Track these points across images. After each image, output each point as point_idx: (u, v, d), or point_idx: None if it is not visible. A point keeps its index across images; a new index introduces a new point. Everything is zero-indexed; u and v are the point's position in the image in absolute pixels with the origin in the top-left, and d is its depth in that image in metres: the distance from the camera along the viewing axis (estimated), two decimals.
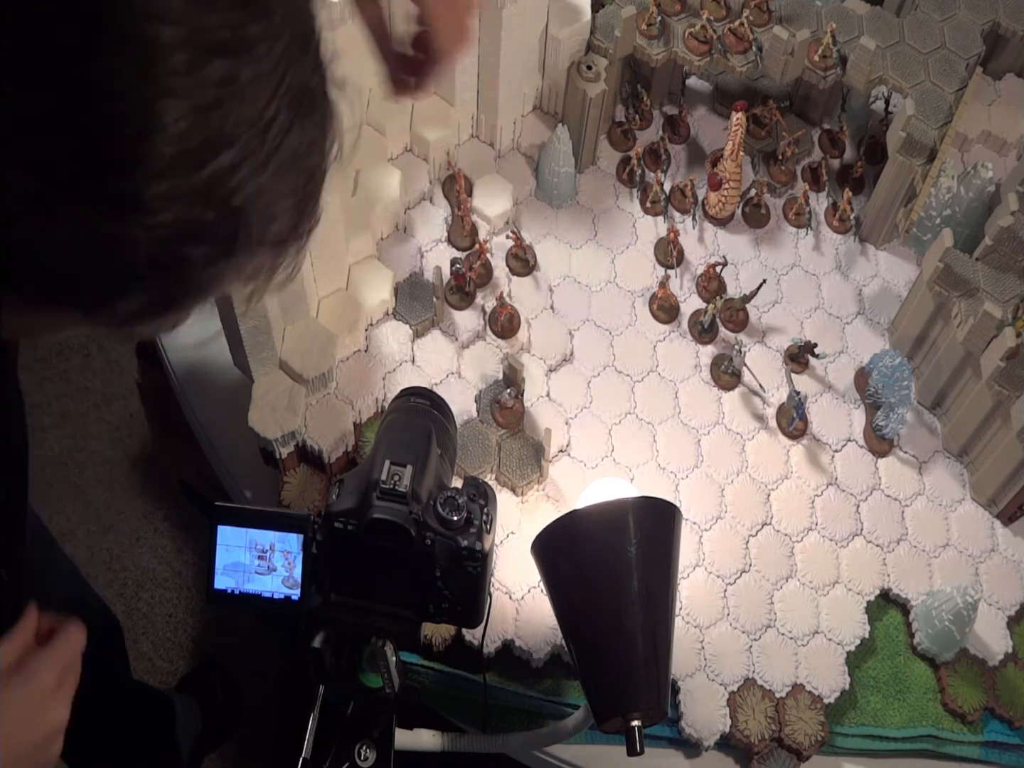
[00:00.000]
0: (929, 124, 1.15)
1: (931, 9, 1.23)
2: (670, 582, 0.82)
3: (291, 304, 1.05)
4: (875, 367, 1.14)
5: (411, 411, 0.88)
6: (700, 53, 1.19)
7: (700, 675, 1.01)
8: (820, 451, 1.13)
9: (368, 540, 0.74)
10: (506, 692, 1.00)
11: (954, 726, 1.03)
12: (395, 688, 0.78)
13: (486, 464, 1.07)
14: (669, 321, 1.19)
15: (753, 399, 1.16)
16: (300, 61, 0.48)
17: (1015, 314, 1.06)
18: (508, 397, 1.08)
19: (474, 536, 0.75)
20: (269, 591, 0.77)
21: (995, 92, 1.32)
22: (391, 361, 1.12)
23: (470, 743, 0.89)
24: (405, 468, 0.75)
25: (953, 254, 1.09)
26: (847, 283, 1.23)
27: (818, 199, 1.28)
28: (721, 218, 1.25)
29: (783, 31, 1.17)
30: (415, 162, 1.22)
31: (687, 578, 1.05)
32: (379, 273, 1.14)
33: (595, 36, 1.17)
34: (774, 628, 1.04)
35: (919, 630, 1.05)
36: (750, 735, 0.99)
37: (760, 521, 1.09)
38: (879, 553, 1.09)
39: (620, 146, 1.29)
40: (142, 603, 1.80)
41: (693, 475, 1.11)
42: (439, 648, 1.00)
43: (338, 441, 1.06)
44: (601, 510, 0.83)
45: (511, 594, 1.02)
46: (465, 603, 0.78)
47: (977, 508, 1.12)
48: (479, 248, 1.16)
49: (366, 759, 0.78)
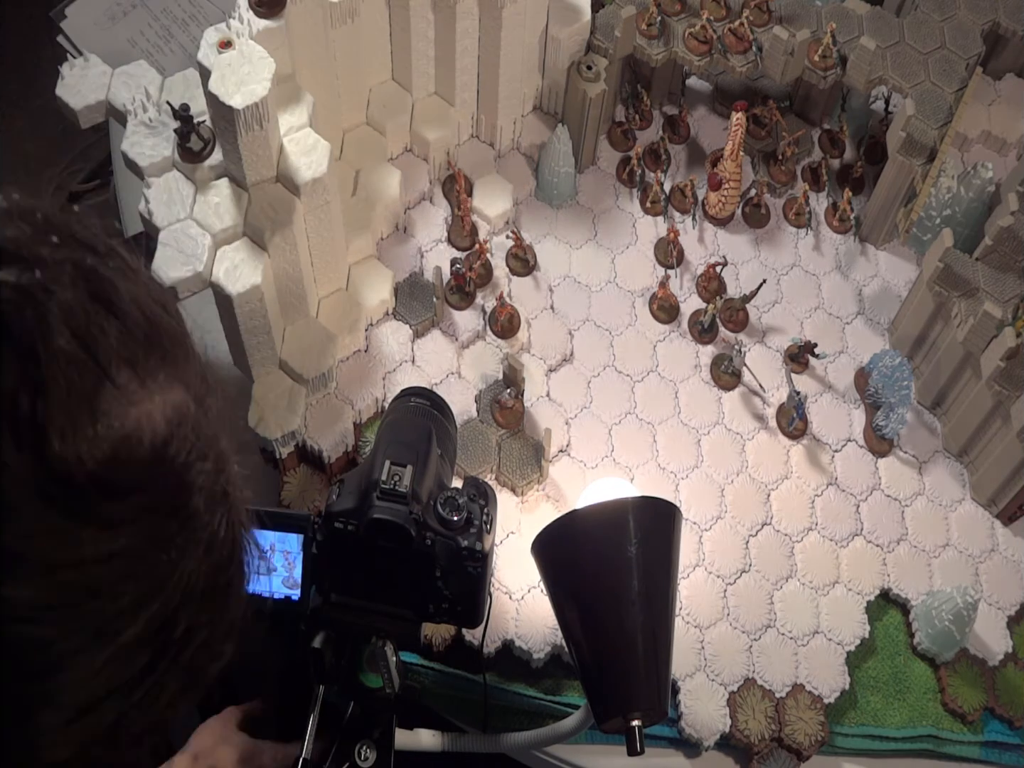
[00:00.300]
0: (929, 124, 1.15)
1: (931, 9, 1.23)
2: (670, 582, 0.82)
3: (291, 304, 1.05)
4: (875, 367, 1.14)
5: (411, 411, 0.88)
6: (700, 53, 1.19)
7: (700, 675, 1.01)
8: (820, 451, 1.13)
9: (368, 540, 0.74)
10: (506, 692, 1.00)
11: (954, 726, 1.03)
12: (395, 688, 0.78)
13: (486, 464, 1.06)
14: (669, 321, 1.19)
15: (753, 399, 1.16)
16: (202, 571, 0.47)
17: (1015, 314, 1.06)
18: (508, 397, 1.08)
19: (474, 536, 0.75)
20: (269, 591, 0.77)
21: (995, 92, 1.32)
22: (391, 361, 1.12)
23: (470, 743, 0.89)
24: (405, 468, 0.75)
25: (953, 254, 1.09)
26: (847, 283, 1.23)
27: (818, 199, 1.28)
28: (721, 218, 1.25)
29: (783, 31, 1.17)
30: (415, 162, 1.21)
31: (687, 578, 1.05)
32: (379, 273, 1.14)
33: (595, 36, 1.17)
34: (774, 628, 1.04)
35: (919, 630, 1.05)
36: (750, 735, 0.99)
37: (760, 521, 1.09)
38: (879, 553, 1.09)
39: (620, 146, 1.29)
40: None
41: (693, 475, 1.11)
42: (439, 648, 1.00)
43: (338, 441, 1.06)
44: (601, 510, 0.83)
45: (511, 594, 1.02)
46: (465, 603, 0.78)
47: (977, 508, 1.12)
48: (479, 248, 1.16)
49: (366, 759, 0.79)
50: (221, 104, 0.88)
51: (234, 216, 0.96)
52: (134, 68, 1.03)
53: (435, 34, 1.13)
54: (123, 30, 1.33)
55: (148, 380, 0.44)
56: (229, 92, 0.89)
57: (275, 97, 0.92)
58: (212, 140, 0.96)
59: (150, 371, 0.44)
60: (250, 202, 0.97)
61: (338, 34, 1.06)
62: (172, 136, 0.97)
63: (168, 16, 1.35)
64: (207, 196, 0.96)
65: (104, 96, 1.00)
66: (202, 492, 0.46)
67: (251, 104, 0.88)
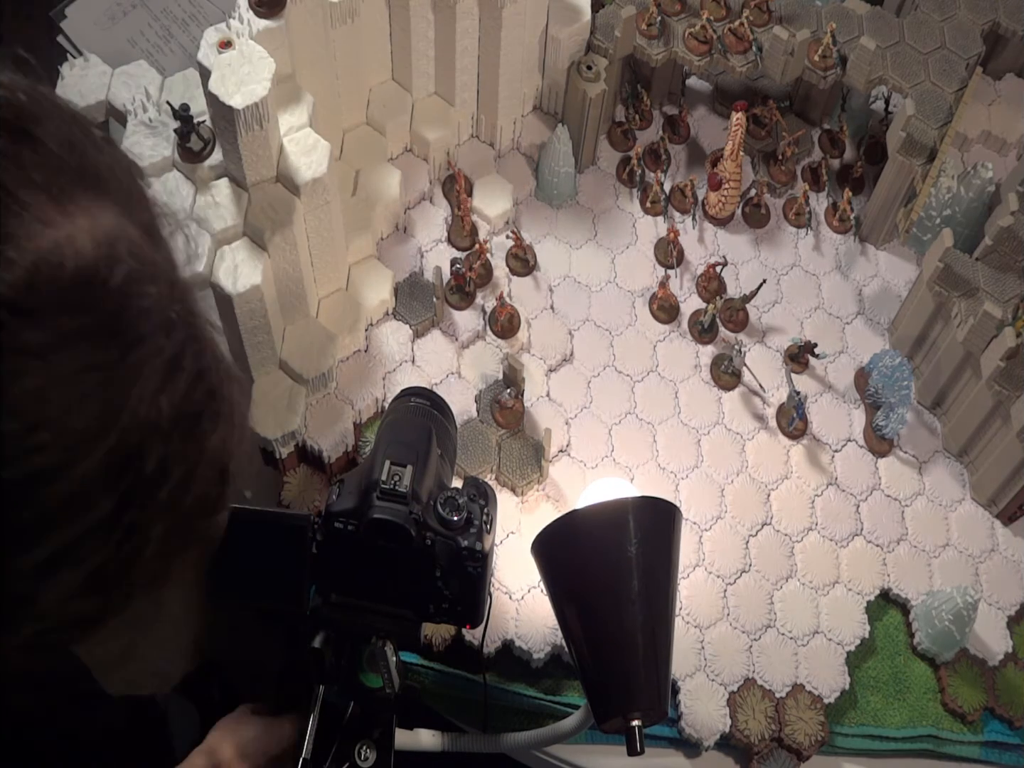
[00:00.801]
0: (929, 124, 1.15)
1: (931, 9, 1.23)
2: (670, 582, 0.82)
3: (291, 304, 1.05)
4: (875, 367, 1.14)
5: (411, 411, 0.88)
6: (700, 53, 1.19)
7: (700, 675, 1.01)
8: (820, 451, 1.13)
9: (368, 540, 0.74)
10: (506, 692, 1.00)
11: (954, 726, 1.03)
12: (395, 688, 0.78)
13: (486, 464, 1.07)
14: (669, 321, 1.19)
15: (753, 399, 1.16)
16: (160, 403, 0.45)
17: (1015, 314, 1.06)
18: (508, 397, 1.08)
19: (474, 536, 0.75)
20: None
21: (995, 92, 1.32)
22: (391, 361, 1.12)
23: (470, 743, 0.89)
24: (405, 468, 0.75)
25: (953, 254, 1.09)
26: (847, 283, 1.23)
27: (818, 199, 1.28)
28: (721, 218, 1.25)
29: (783, 31, 1.17)
30: (415, 162, 1.22)
31: (687, 578, 1.05)
32: (379, 273, 1.14)
33: (595, 36, 1.17)
34: (774, 628, 1.04)
35: (919, 630, 1.05)
36: (750, 735, 0.99)
37: (760, 521, 1.09)
38: (879, 553, 1.09)
39: (620, 146, 1.29)
40: None
41: (693, 475, 1.11)
42: (439, 648, 1.00)
43: (338, 441, 1.06)
44: (601, 510, 0.83)
45: (511, 594, 1.02)
46: (465, 603, 0.78)
47: (977, 508, 1.12)
48: (479, 248, 1.16)
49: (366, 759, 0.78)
50: (221, 104, 0.89)
51: (234, 216, 0.96)
52: (134, 68, 1.03)
53: (435, 34, 1.13)
54: (123, 30, 1.33)
55: (69, 205, 0.43)
56: (229, 92, 0.89)
57: (275, 97, 0.92)
58: (212, 140, 0.96)
59: (72, 197, 0.43)
60: (250, 202, 0.97)
61: (338, 34, 1.06)
62: (172, 136, 0.97)
63: (168, 16, 1.35)
64: (207, 196, 0.96)
65: (104, 96, 1.01)
66: (149, 316, 0.44)
67: (251, 104, 0.88)
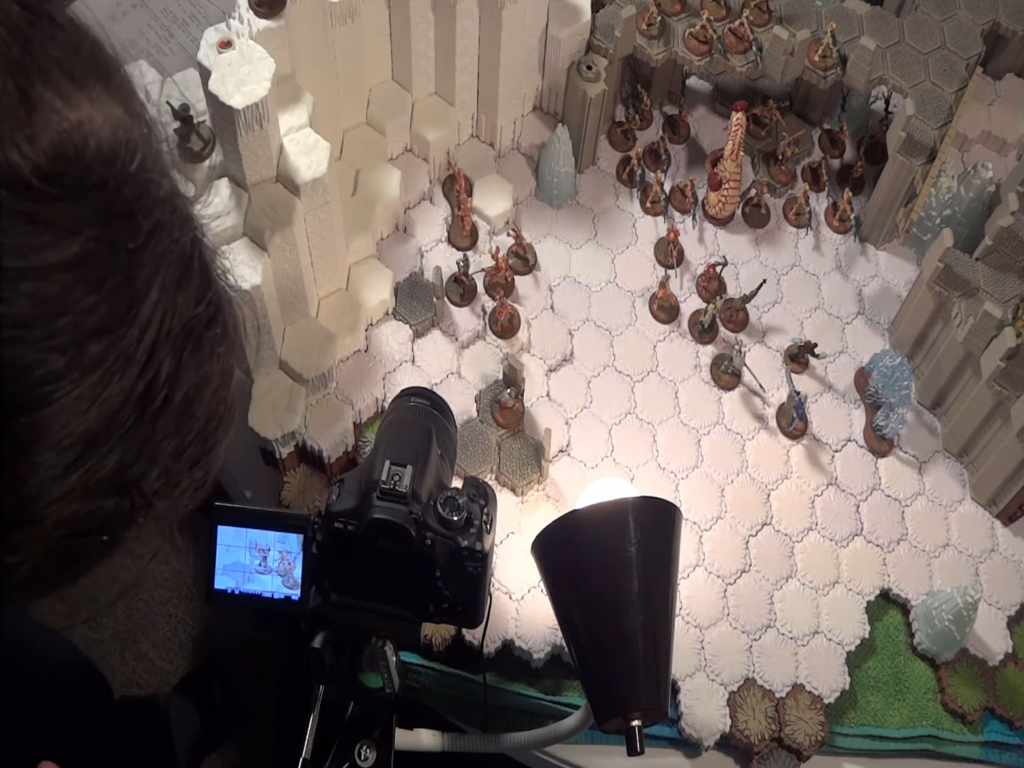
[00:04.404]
0: (929, 124, 1.15)
1: (931, 9, 1.23)
2: (670, 582, 0.82)
3: (291, 304, 1.05)
4: (875, 367, 1.14)
5: (411, 411, 0.88)
6: (700, 53, 1.19)
7: (700, 675, 1.01)
8: (820, 451, 1.13)
9: (368, 540, 0.74)
10: (506, 692, 1.00)
11: (954, 726, 1.03)
12: (395, 688, 0.78)
13: (486, 464, 1.06)
14: (669, 321, 1.19)
15: (753, 399, 1.16)
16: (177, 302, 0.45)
17: (1015, 314, 1.06)
18: (508, 397, 1.08)
19: (474, 536, 0.75)
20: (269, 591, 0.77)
21: (995, 92, 1.32)
22: (391, 361, 1.12)
23: (470, 743, 0.89)
24: (405, 468, 0.75)
25: (953, 254, 1.09)
26: (847, 283, 1.23)
27: (818, 199, 1.28)
28: (721, 218, 1.25)
29: (783, 31, 1.17)
30: (415, 162, 1.22)
31: (687, 578, 1.05)
32: (379, 273, 1.14)
33: (595, 36, 1.17)
34: (774, 628, 1.04)
35: (919, 630, 1.05)
36: (750, 735, 0.99)
37: (760, 521, 1.09)
38: (879, 553, 1.09)
39: (620, 146, 1.29)
40: (142, 603, 1.79)
41: (693, 475, 1.11)
42: (439, 648, 1.00)
43: (338, 441, 1.06)
44: (601, 510, 0.83)
45: (511, 594, 1.02)
46: (465, 603, 0.78)
47: (977, 508, 1.12)
48: (499, 265, 1.15)
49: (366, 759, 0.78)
50: (221, 104, 0.89)
51: (234, 216, 0.96)
52: (134, 68, 1.03)
53: (435, 34, 1.13)
54: (123, 30, 1.33)
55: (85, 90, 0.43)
56: (229, 92, 0.89)
57: (275, 97, 0.92)
58: (212, 140, 0.96)
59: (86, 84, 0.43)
60: (250, 202, 0.97)
61: (338, 34, 1.06)
62: (172, 136, 0.97)
63: (168, 16, 1.35)
64: (207, 196, 0.96)
65: None
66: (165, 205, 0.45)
67: (251, 104, 0.88)
